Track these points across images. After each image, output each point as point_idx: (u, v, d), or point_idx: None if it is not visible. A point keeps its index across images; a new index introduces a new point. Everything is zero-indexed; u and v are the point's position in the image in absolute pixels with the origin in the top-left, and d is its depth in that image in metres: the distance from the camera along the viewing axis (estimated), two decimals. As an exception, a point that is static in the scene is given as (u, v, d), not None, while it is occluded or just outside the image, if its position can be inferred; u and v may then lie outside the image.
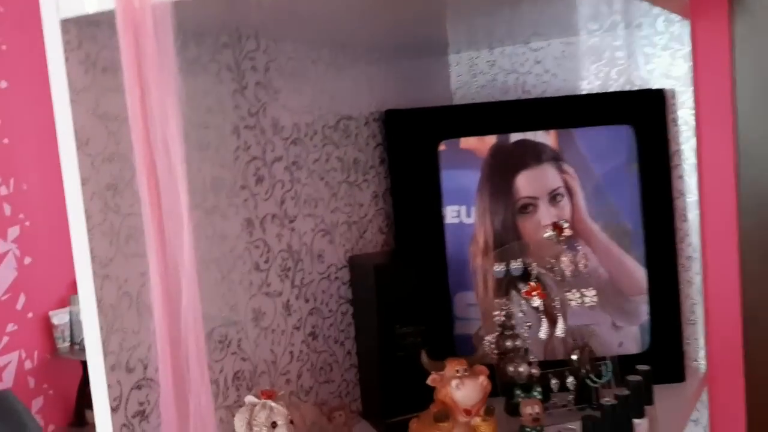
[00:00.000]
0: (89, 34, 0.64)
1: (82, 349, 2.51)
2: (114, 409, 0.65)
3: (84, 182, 0.63)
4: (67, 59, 0.62)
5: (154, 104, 0.56)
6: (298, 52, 0.88)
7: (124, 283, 0.66)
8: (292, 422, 0.73)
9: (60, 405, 2.80)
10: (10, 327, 2.71)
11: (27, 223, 2.77)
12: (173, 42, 0.54)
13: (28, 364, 2.74)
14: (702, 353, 1.06)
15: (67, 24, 0.62)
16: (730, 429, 1.06)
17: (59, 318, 2.76)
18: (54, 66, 0.62)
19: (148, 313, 0.68)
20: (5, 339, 2.64)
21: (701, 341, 1.06)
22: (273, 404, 0.73)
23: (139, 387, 0.68)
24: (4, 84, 2.64)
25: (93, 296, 0.64)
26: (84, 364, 2.54)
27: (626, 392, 0.80)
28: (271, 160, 0.84)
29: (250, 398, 0.74)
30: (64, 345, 2.76)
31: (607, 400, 0.78)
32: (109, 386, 0.65)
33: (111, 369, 0.65)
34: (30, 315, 2.78)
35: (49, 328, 2.77)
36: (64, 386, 2.79)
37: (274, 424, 0.72)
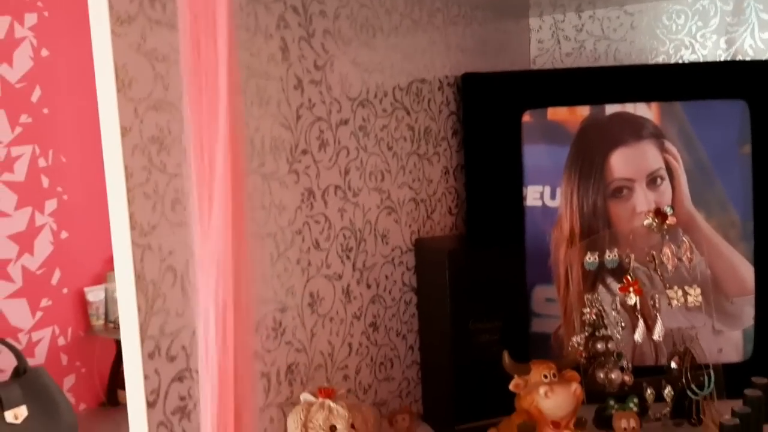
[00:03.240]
0: (137, -45, 0.53)
1: (117, 328, 2.43)
2: (151, 404, 0.55)
3: (124, 132, 0.53)
4: (109, -18, 0.51)
5: (203, 43, 0.45)
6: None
7: (168, 256, 0.56)
8: (353, 426, 0.63)
9: (92, 384, 2.75)
10: (45, 302, 2.66)
11: (65, 197, 2.71)
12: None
13: (61, 341, 2.69)
14: (811, 366, 0.93)
15: (110, -60, 0.51)
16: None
17: (94, 295, 2.71)
18: (94, -10, 0.52)
19: (195, 292, 0.58)
20: (39, 314, 2.59)
21: (811, 352, 0.93)
22: (333, 404, 0.63)
23: (180, 379, 0.57)
24: (45, 53, 2.58)
25: (131, 269, 0.53)
26: (118, 343, 2.47)
27: (747, 410, 0.67)
28: (336, 123, 0.73)
29: (306, 396, 0.63)
30: (98, 323, 2.71)
31: (728, 418, 0.65)
32: (146, 377, 0.55)
33: (149, 357, 0.55)
34: (65, 291, 2.73)
35: (83, 304, 2.72)
36: (98, 365, 2.74)
37: (333, 428, 0.62)
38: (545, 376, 0.68)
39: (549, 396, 0.67)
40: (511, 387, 0.69)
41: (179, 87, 0.55)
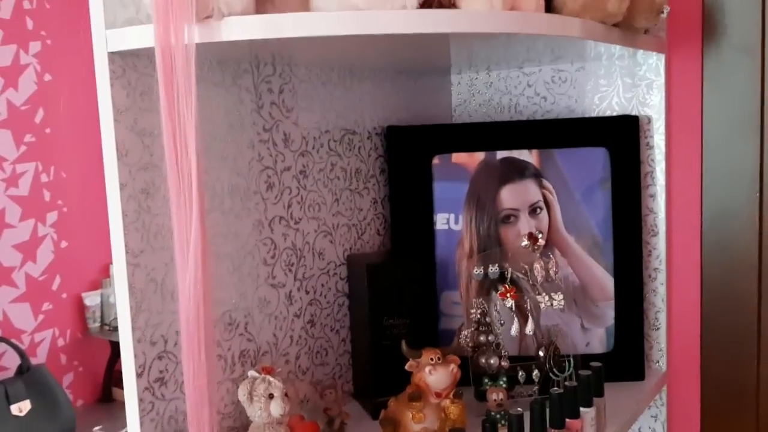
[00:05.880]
0: (131, 64, 0.77)
1: (112, 330, 2.67)
2: (139, 375, 0.79)
3: (122, 187, 0.77)
4: (112, 85, 0.75)
5: (182, 123, 0.69)
6: (310, 75, 1.01)
7: (151, 271, 0.80)
8: (287, 395, 0.87)
9: (89, 382, 2.95)
10: (46, 306, 2.87)
11: (65, 209, 2.93)
12: (195, 75, 0.67)
13: (60, 342, 2.90)
14: (663, 357, 1.17)
15: (113, 56, 0.75)
16: (685, 423, 1.17)
17: (91, 300, 2.93)
18: (102, 91, 0.75)
19: (170, 297, 0.82)
20: (41, 317, 2.81)
21: (663, 345, 1.17)
22: (271, 378, 0.86)
23: (160, 358, 0.81)
24: (48, 77, 2.80)
25: (126, 281, 0.77)
26: (112, 343, 2.69)
27: (573, 383, 0.92)
28: (281, 170, 0.97)
29: (251, 372, 0.87)
30: (94, 325, 2.92)
31: (556, 389, 0.89)
32: (136, 356, 0.79)
33: (138, 341, 0.79)
34: (64, 296, 2.95)
35: (81, 308, 2.93)
36: (94, 364, 2.94)
37: (271, 396, 0.86)
38: (432, 359, 0.92)
39: (432, 373, 0.91)
40: (406, 367, 0.93)
41: (161, 153, 0.79)
